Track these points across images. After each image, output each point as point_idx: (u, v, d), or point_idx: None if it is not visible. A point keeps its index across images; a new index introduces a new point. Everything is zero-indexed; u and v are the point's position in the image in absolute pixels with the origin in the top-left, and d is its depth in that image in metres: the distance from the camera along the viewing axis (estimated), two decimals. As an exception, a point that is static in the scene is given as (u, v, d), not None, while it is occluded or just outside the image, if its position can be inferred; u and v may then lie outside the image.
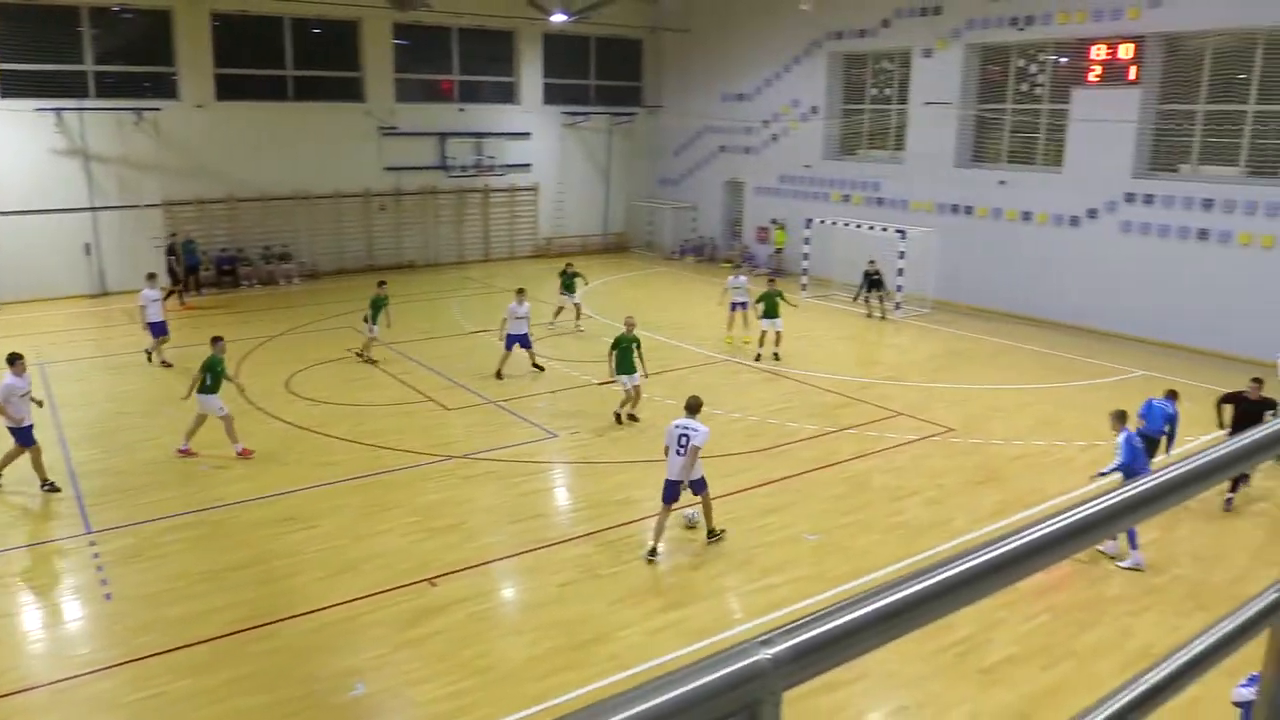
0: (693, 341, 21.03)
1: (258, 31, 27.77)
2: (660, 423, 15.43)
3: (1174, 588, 10.27)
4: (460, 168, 31.08)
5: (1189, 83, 21.36)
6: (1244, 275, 19.94)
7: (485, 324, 22.41)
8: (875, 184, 27.76)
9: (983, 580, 1.04)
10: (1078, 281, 22.86)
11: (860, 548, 11.11)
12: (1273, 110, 20.02)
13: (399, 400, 16.56)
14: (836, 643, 0.90)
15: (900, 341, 22.02)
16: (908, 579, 1.00)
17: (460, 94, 31.44)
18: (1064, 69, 23.49)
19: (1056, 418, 16.18)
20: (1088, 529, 1.15)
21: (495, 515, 11.93)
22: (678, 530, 11.63)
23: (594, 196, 34.95)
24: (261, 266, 28.01)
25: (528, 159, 32.79)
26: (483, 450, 14.13)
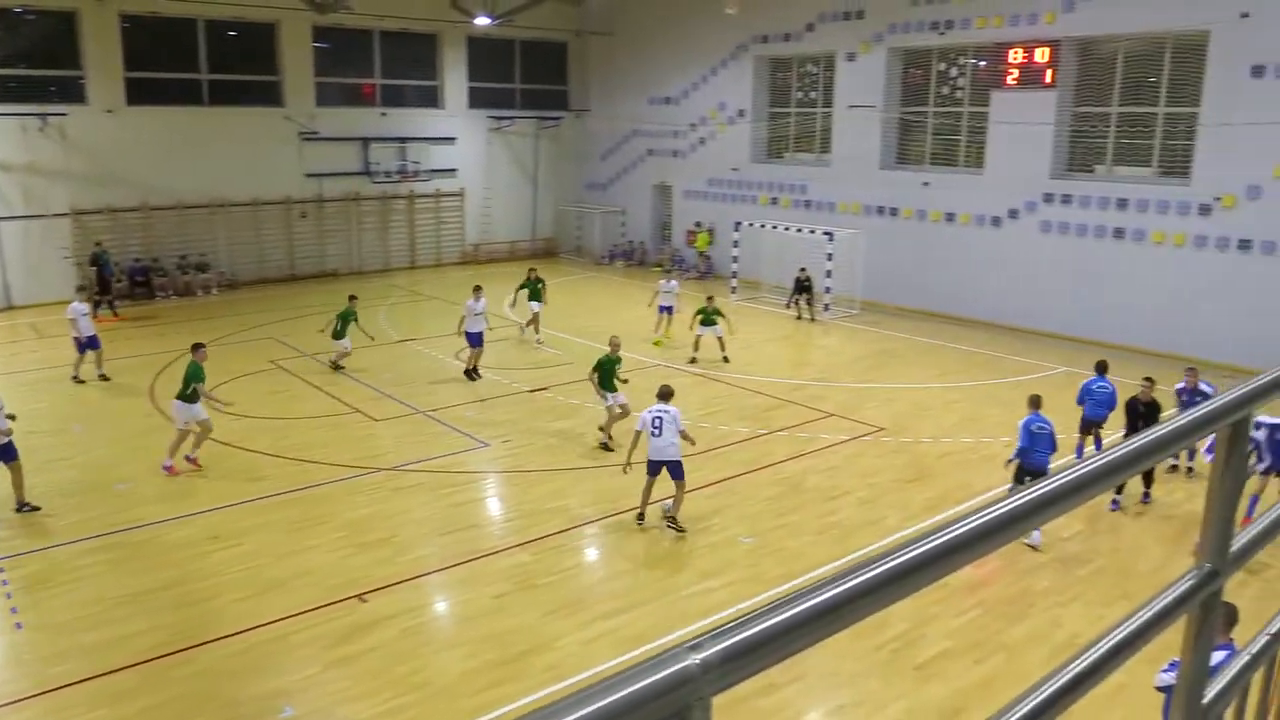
0: (624, 347, 21.02)
1: (170, 33, 27.06)
2: (594, 426, 15.42)
3: (1099, 578, 10.60)
4: (384, 173, 30.67)
5: (1102, 86, 22.12)
6: (1158, 273, 20.69)
7: (412, 332, 22.14)
8: (802, 186, 28.15)
9: (907, 578, 1.05)
10: (1001, 281, 23.48)
11: (795, 549, 11.23)
12: (1182, 112, 20.82)
13: (325, 412, 16.26)
14: (765, 645, 0.90)
15: (830, 343, 22.35)
16: (834, 579, 1.01)
17: (383, 98, 31.04)
18: (983, 72, 24.13)
19: (982, 414, 16.59)
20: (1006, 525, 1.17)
21: (427, 527, 11.78)
22: (619, 535, 11.62)
23: (521, 201, 34.80)
24: (178, 277, 27.27)
25: (453, 164, 32.51)
26: (413, 461, 13.95)
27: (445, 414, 16.23)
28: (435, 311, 25.76)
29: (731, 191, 30.29)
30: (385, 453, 14.36)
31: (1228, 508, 1.73)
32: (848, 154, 26.79)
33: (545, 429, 15.55)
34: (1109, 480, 1.41)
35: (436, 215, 32.69)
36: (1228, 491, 1.72)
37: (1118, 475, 1.42)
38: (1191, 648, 1.76)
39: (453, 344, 21.31)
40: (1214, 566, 1.73)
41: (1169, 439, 1.48)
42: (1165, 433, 1.47)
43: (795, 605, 0.95)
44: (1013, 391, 17.96)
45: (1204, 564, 1.73)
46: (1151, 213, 20.83)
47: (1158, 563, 11.00)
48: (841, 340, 22.41)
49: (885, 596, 1.06)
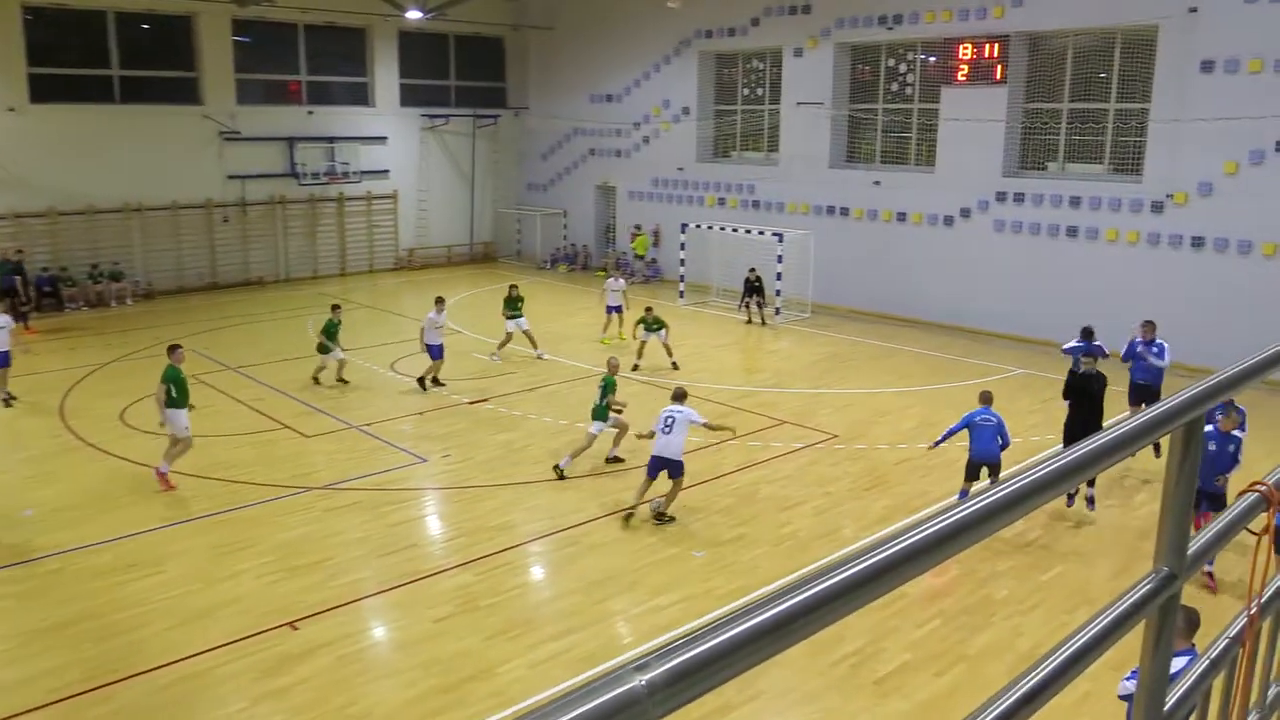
0: (567, 354, 21.02)
1: (78, 26, 26.48)
2: (538, 438, 15.37)
3: (1059, 584, 10.81)
4: (311, 175, 30.30)
5: (1053, 82, 22.66)
6: (1112, 272, 21.21)
7: (344, 343, 21.86)
8: (750, 186, 28.39)
9: (861, 589, 1.06)
10: (954, 281, 23.89)
11: (748, 562, 11.29)
12: (1132, 108, 21.40)
13: (251, 429, 15.99)
14: (714, 663, 0.90)
15: (781, 347, 22.54)
16: (783, 592, 1.02)
17: (309, 96, 30.68)
18: (933, 68, 24.57)
19: (938, 419, 16.82)
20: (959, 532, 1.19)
21: (363, 549, 11.63)
22: (567, 552, 11.58)
23: (458, 204, 34.61)
24: (89, 286, 26.63)
25: (385, 165, 32.24)
26: (347, 479, 13.77)
27: (381, 428, 16.05)
28: (368, 321, 25.47)
29: (677, 192, 30.44)
30: (317, 470, 14.16)
31: (1183, 510, 1.78)
32: (796, 153, 27.08)
33: (487, 442, 15.45)
34: (1066, 482, 1.44)
35: (368, 219, 32.37)
36: (1183, 493, 1.76)
37: (1074, 477, 1.45)
38: (1151, 653, 1.80)
39: (387, 355, 21.10)
40: (1171, 570, 1.77)
41: (1123, 441, 1.51)
42: (1119, 435, 1.51)
43: (744, 620, 0.95)
44: (969, 395, 18.22)
45: (1161, 567, 1.78)
46: (1104, 210, 21.36)
47: (1121, 565, 11.25)
48: (793, 345, 22.61)
49: (839, 609, 1.07)
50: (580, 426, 16.22)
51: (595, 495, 13.26)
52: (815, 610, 1.00)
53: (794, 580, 1.07)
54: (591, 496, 13.22)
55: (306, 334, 23.14)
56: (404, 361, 20.30)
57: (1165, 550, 1.78)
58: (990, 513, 1.27)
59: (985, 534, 1.29)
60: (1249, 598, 2.07)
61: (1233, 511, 1.99)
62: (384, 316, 25.91)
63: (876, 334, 23.61)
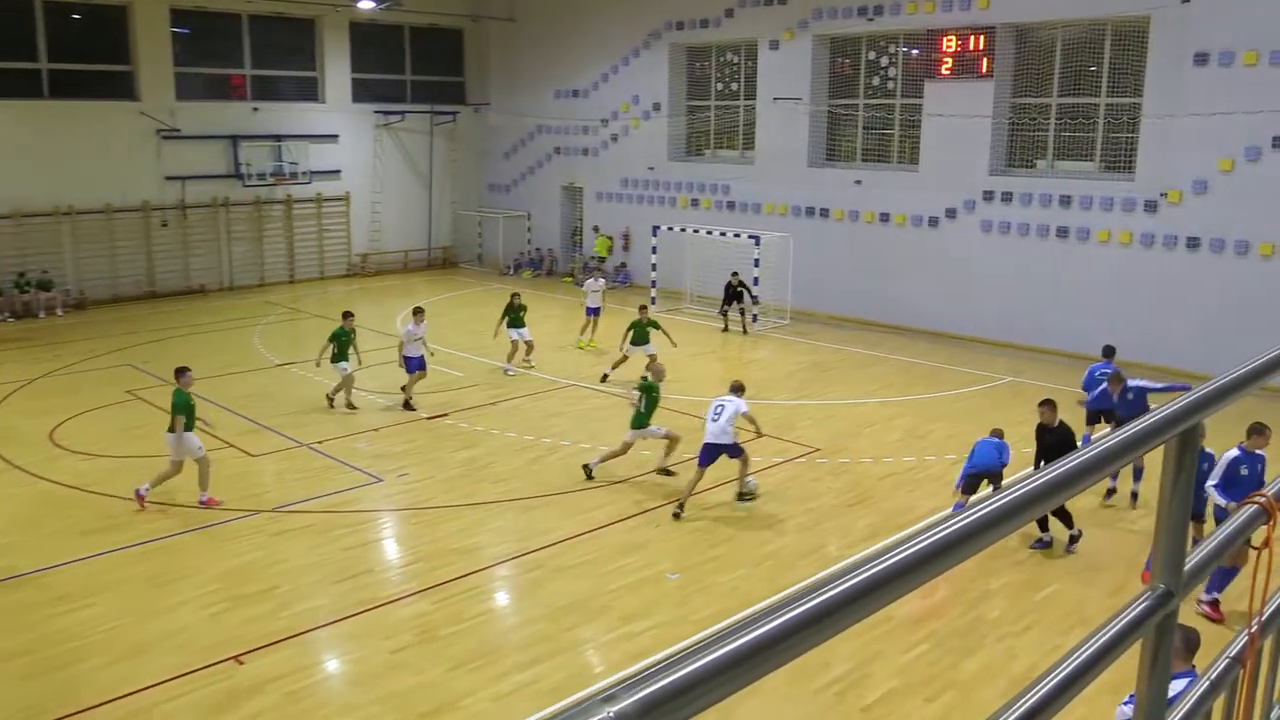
0: (540, 358, 20.97)
1: (1, 17, 26.15)
2: (502, 455, 15.33)
3: (1054, 604, 10.90)
4: (257, 176, 30.09)
5: (1041, 75, 22.94)
6: (1104, 274, 21.47)
7: (293, 354, 21.72)
8: (725, 186, 28.51)
9: (844, 610, 1.06)
10: (940, 285, 24.08)
11: (727, 584, 11.30)
12: (1124, 103, 21.71)
13: (192, 448, 15.82)
14: (687, 693, 0.90)
15: (759, 356, 22.62)
16: (762, 615, 1.02)
17: (254, 91, 30.50)
18: (915, 62, 24.81)
19: (925, 430, 16.96)
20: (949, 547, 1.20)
21: (314, 575, 11.53)
22: (533, 576, 11.54)
23: (415, 206, 34.51)
24: (15, 296, 26.26)
25: (336, 164, 32.09)
26: (297, 501, 13.66)
27: (333, 446, 15.94)
28: (318, 331, 25.29)
29: (648, 193, 30.51)
30: (264, 492, 14.04)
31: (1179, 525, 1.80)
32: (773, 151, 27.23)
33: (447, 460, 15.39)
34: (1056, 497, 1.45)
35: (318, 223, 32.20)
36: (1178, 507, 1.78)
37: (1066, 490, 1.47)
38: (1148, 675, 1.82)
39: (340, 367, 20.96)
40: (1168, 587, 1.79)
41: (1114, 452, 1.53)
42: (1110, 446, 1.53)
43: (720, 646, 0.95)
44: (957, 405, 18.41)
45: (1157, 585, 1.80)
46: (1096, 210, 21.63)
47: (1119, 582, 11.36)
48: (772, 353, 22.70)
49: (822, 632, 1.07)
50: (547, 442, 16.21)
51: (564, 514, 13.24)
52: (797, 634, 1.01)
53: (775, 602, 1.07)
54: (560, 516, 13.19)
55: (253, 346, 22.96)
56: (358, 374, 20.15)
57: (1161, 567, 1.80)
58: (981, 527, 1.28)
59: (976, 549, 1.30)
60: (1249, 615, 2.10)
61: (1231, 525, 2.02)
62: (335, 326, 25.70)
63: (859, 341, 23.75)
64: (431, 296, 29.24)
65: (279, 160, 30.55)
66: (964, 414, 17.83)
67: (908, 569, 1.15)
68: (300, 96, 31.53)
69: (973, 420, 17.39)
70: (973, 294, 23.56)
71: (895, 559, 1.15)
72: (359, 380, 18.71)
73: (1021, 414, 17.77)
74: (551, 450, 15.86)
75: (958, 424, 17.15)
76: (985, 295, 23.32)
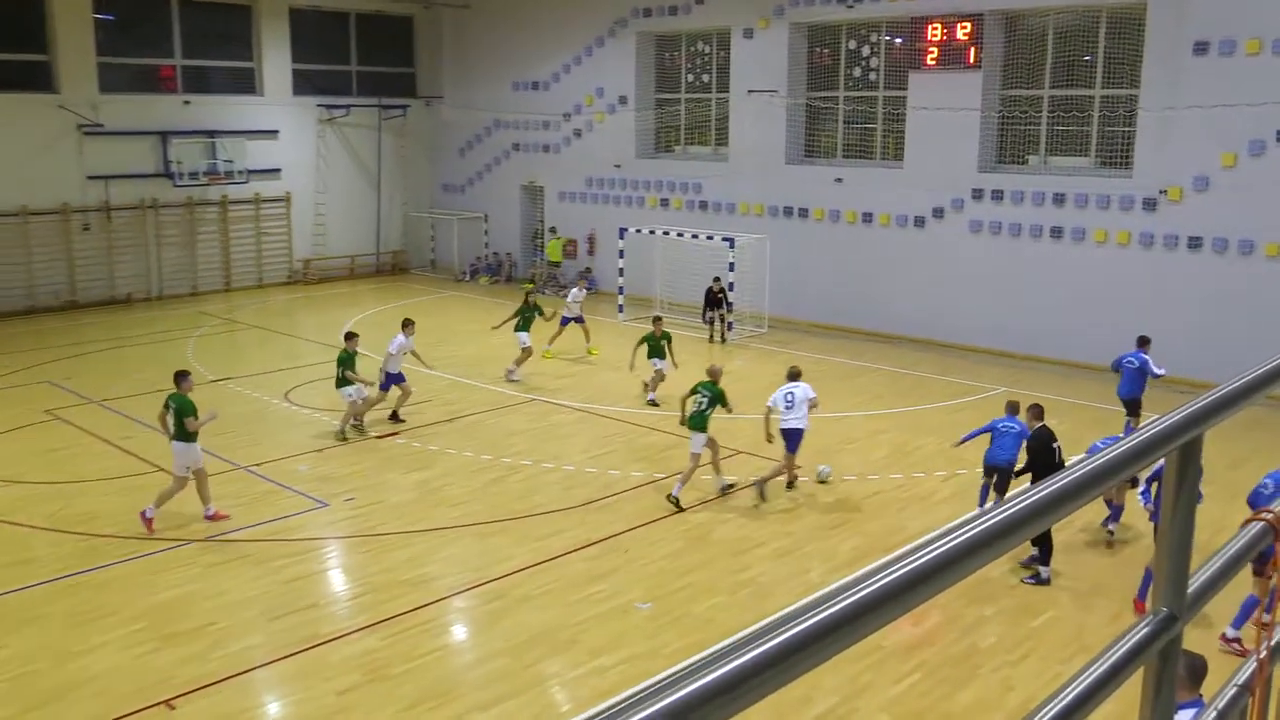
0: (490, 380, 20.93)
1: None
2: (458, 476, 15.26)
3: (1051, 631, 10.98)
4: (189, 175, 29.85)
5: (1033, 66, 23.20)
6: (1101, 277, 21.70)
7: (229, 369, 21.54)
8: (697, 185, 28.61)
9: (828, 639, 1.07)
10: (928, 290, 24.25)
11: (702, 614, 11.30)
12: (1120, 94, 22.00)
13: (119, 473, 15.65)
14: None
15: (736, 367, 22.65)
16: (739, 645, 1.02)
17: (185, 83, 30.30)
18: (899, 51, 25.04)
19: (913, 446, 17.06)
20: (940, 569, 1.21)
21: (252, 611, 11.42)
22: (493, 608, 11.49)
23: (363, 208, 34.37)
24: (-78, 309, 25.91)
25: (276, 163, 31.93)
26: (233, 530, 13.53)
27: (272, 469, 15.81)
28: (256, 344, 25.15)
29: (614, 192, 30.56)
30: (197, 520, 13.89)
31: (1183, 544, 1.82)
32: (748, 147, 27.36)
33: (398, 483, 15.31)
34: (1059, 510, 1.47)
35: (256, 226, 32.00)
36: (1180, 525, 1.80)
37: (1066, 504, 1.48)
38: (1151, 704, 1.84)
39: (280, 383, 20.84)
40: (1171, 611, 1.81)
41: (1112, 466, 1.55)
42: (1109, 459, 1.54)
43: (693, 680, 0.95)
44: (947, 417, 18.53)
45: (1160, 609, 1.82)
46: (1091, 208, 21.88)
47: (1121, 607, 11.46)
48: (749, 364, 22.76)
49: (804, 662, 1.08)
50: (507, 462, 16.16)
51: (525, 540, 13.20)
52: (777, 665, 1.01)
53: (754, 631, 1.07)
54: (520, 542, 13.15)
55: (185, 360, 22.75)
56: (300, 391, 20.05)
57: (1164, 589, 1.82)
58: (975, 546, 1.29)
59: (969, 570, 1.31)
60: (1257, 639, 2.12)
61: (1236, 543, 2.05)
62: (275, 339, 25.59)
63: (841, 350, 23.87)
64: (380, 306, 29.12)
65: (213, 158, 30.31)
66: (954, 427, 17.91)
67: (896, 593, 1.16)
68: (236, 89, 31.33)
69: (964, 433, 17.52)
70: (962, 299, 23.75)
71: (882, 583, 1.16)
72: (326, 397, 18.58)
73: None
74: (511, 471, 15.82)
75: (948, 438, 17.26)
76: (975, 300, 23.51)
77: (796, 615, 1.11)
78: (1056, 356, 22.05)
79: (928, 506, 14.39)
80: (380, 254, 35.04)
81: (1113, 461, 1.55)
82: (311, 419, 18.26)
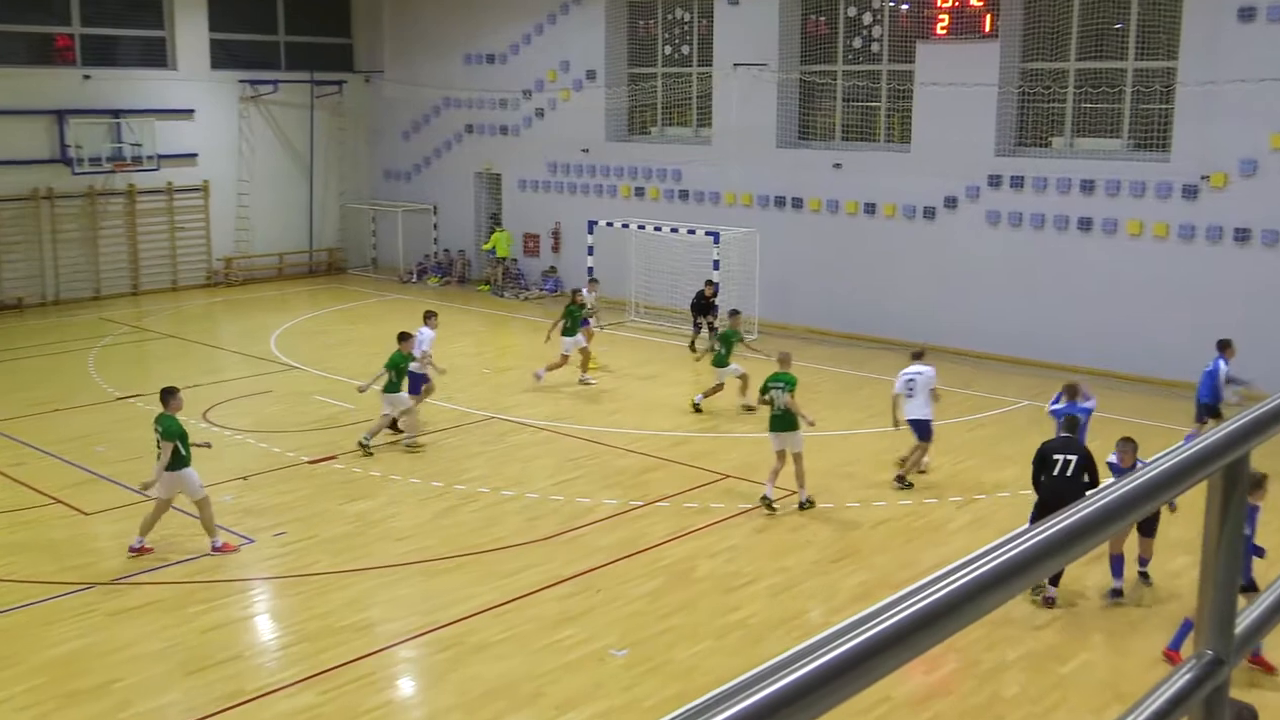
0: (441, 396, 20.87)
1: None
2: (406, 506, 15.20)
3: (1084, 677, 11.03)
4: (90, 161, 29.66)
5: (1057, 35, 23.33)
6: (1134, 274, 21.81)
7: (137, 385, 21.38)
8: (676, 172, 28.65)
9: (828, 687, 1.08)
10: (939, 290, 24.32)
11: (685, 662, 11.29)
12: (1155, 67, 22.17)
13: (8, 506, 15.51)
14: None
15: (722, 380, 22.68)
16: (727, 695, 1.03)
17: (84, 54, 30.14)
18: (905, 19, 25.19)
19: (924, 468, 17.10)
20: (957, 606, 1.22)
21: (165, 664, 11.33)
22: (448, 655, 11.44)
23: (293, 199, 34.26)
24: None
25: (192, 146, 31.80)
26: (142, 571, 13.42)
27: (189, 500, 15.69)
28: (170, 355, 24.98)
29: (582, 180, 30.58)
30: (101, 560, 13.79)
31: (1228, 579, 1.83)
32: (735, 128, 27.41)
33: (335, 514, 15.23)
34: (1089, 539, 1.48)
35: (169, 220, 31.84)
36: (1226, 557, 1.82)
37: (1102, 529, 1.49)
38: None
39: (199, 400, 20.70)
40: (1216, 653, 1.83)
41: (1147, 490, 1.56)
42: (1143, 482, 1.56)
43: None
44: (964, 436, 18.60)
45: (1204, 651, 1.83)
46: (1124, 197, 22.02)
47: (1160, 651, 11.51)
48: (737, 376, 22.77)
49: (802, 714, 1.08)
50: (461, 489, 16.11)
51: (483, 579, 13.15)
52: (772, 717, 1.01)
53: (744, 680, 1.08)
54: (478, 581, 13.10)
55: (86, 374, 22.58)
56: (222, 409, 19.93)
57: (1208, 630, 1.84)
58: (995, 580, 1.30)
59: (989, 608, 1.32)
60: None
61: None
62: (192, 349, 25.42)
63: (842, 359, 23.91)
64: (314, 310, 29.02)
65: (118, 141, 30.14)
66: (972, 446, 18.03)
67: (906, 635, 1.17)
68: (144, 62, 31.20)
69: (983, 453, 17.61)
70: (978, 300, 23.83)
71: (890, 623, 1.17)
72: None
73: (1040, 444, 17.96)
74: (466, 499, 15.77)
75: (964, 459, 17.34)
76: (993, 302, 23.59)
77: (792, 661, 1.12)
78: (1087, 365, 22.10)
79: (941, 537, 14.43)
80: (313, 252, 34.91)
81: (1148, 484, 1.57)
82: (235, 441, 18.14)
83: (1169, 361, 20.62)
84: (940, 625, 1.24)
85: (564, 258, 30.93)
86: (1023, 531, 1.43)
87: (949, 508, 15.43)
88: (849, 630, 1.18)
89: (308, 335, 26.28)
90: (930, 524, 14.92)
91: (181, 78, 31.64)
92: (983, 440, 18.49)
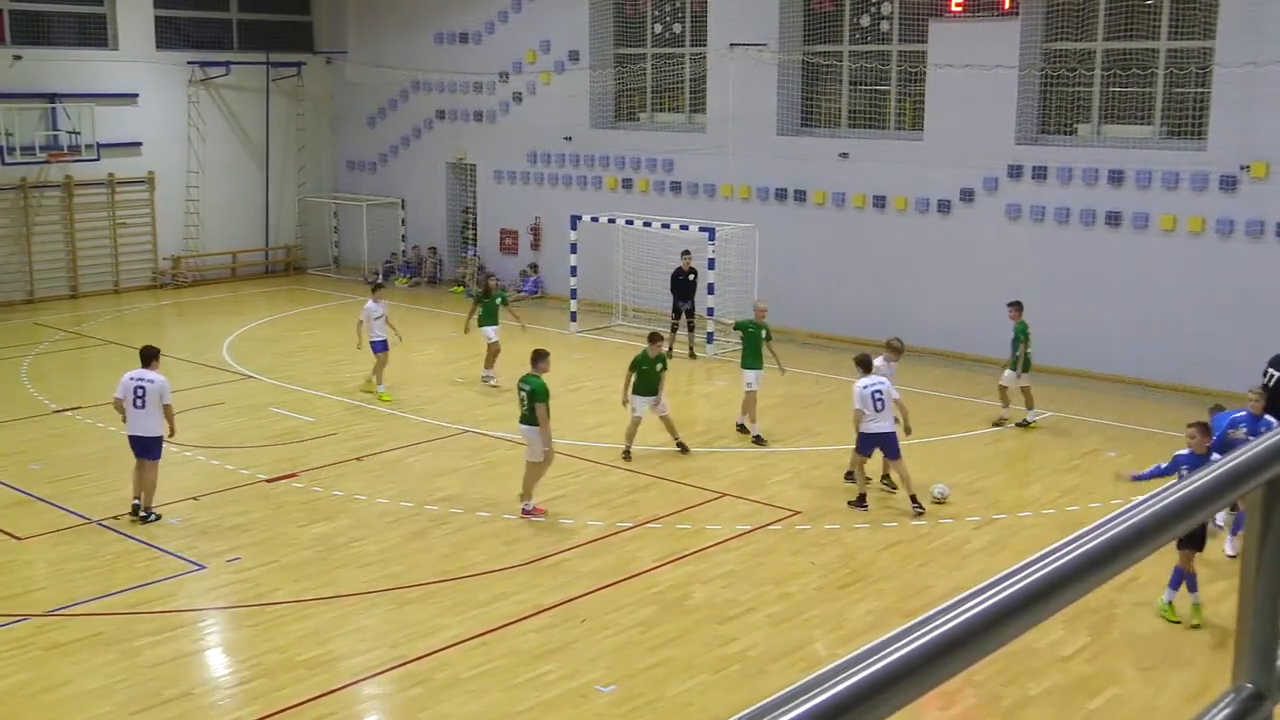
0: (410, 409, 20.87)
1: None
2: (372, 529, 15.18)
3: (1115, 713, 11.04)
4: (22, 150, 29.61)
5: (1083, 12, 23.36)
6: (1168, 273, 21.84)
7: (75, 396, 21.32)
8: (668, 162, 28.65)
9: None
10: (954, 291, 24.31)
11: (679, 698, 11.29)
12: (1190, 47, 22.22)
13: (-64, 529, 15.47)
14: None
15: (716, 388, 22.72)
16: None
17: (14, 32, 30.11)
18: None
19: (942, 482, 17.09)
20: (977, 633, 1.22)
21: (107, 704, 11.30)
22: (417, 692, 11.43)
23: (248, 192, 34.23)
24: None
25: (135, 134, 31.76)
26: (82, 601, 13.38)
27: (134, 523, 15.66)
28: (111, 363, 24.83)
29: (564, 171, 30.58)
30: (35, 589, 13.76)
31: (1271, 605, 1.84)
32: (732, 114, 27.40)
33: (295, 537, 15.20)
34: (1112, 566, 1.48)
35: (111, 215, 31.78)
36: (1269, 581, 1.82)
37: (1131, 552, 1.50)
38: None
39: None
40: (1257, 687, 1.83)
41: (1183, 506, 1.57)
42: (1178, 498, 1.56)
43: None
44: (981, 450, 18.62)
45: (1243, 684, 1.83)
46: (1156, 189, 22.05)
47: (1199, 682, 11.53)
48: (732, 384, 22.73)
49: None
50: (432, 510, 16.08)
51: (456, 608, 13.13)
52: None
53: (742, 718, 1.08)
54: (450, 611, 13.08)
55: (19, 385, 22.52)
56: (168, 422, 19.88)
57: (1247, 660, 1.84)
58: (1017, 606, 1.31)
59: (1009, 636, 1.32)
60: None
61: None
62: (136, 357, 25.30)
63: (847, 367, 23.70)
64: (270, 314, 28.98)
65: (53, 128, 30.11)
66: (990, 461, 18.05)
67: (919, 666, 1.17)
68: (82, 41, 31.18)
69: (1002, 469, 17.63)
70: (997, 301, 23.78)
71: (902, 654, 1.17)
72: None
73: (1068, 457, 18.03)
74: (438, 521, 15.74)
75: (982, 475, 17.35)
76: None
77: (795, 696, 1.12)
78: (1115, 372, 22.17)
79: (957, 560, 14.43)
80: (270, 250, 34.87)
81: (1184, 500, 1.58)
82: (183, 458, 18.07)
83: (1204, 368, 20.66)
84: (956, 657, 1.24)
85: (545, 255, 30.89)
86: (1049, 552, 1.44)
87: (966, 528, 15.44)
88: (857, 662, 1.18)
89: (264, 342, 26.20)
90: (945, 546, 14.93)
91: (123, 58, 31.57)
92: (1002, 454, 18.51)
